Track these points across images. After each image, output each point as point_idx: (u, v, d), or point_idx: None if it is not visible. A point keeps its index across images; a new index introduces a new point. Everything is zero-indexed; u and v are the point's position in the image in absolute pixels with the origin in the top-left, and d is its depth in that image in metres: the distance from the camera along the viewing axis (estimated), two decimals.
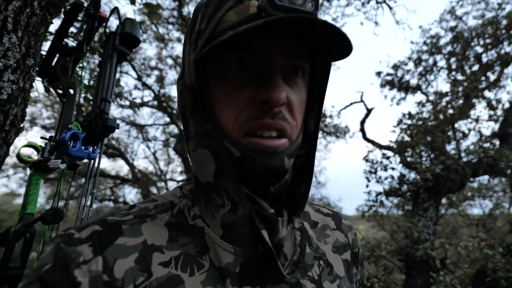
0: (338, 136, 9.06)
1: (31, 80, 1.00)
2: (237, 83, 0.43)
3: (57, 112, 9.01)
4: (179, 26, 7.72)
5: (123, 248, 0.41)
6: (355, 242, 0.61)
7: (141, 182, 9.82)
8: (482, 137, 5.38)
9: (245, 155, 0.43)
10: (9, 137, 0.97)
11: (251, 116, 0.42)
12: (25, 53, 0.94)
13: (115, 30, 1.16)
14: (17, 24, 0.90)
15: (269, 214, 0.44)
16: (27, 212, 0.94)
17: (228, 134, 0.43)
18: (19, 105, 0.97)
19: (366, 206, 5.53)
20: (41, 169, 1.02)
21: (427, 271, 4.26)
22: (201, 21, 0.44)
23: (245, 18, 0.40)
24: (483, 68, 5.81)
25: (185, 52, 0.48)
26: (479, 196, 8.92)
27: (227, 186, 0.43)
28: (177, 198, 0.50)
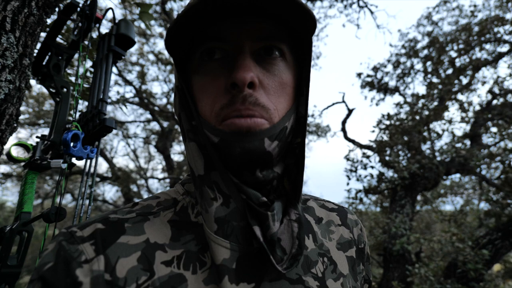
0: (319, 135, 9.24)
1: (27, 79, 1.01)
2: (210, 74, 0.43)
3: (32, 107, 8.68)
4: (161, 22, 7.61)
5: (126, 246, 0.40)
6: (360, 238, 0.58)
7: (121, 180, 9.63)
8: (454, 137, 5.65)
9: (222, 139, 0.42)
10: (4, 136, 0.97)
11: (224, 103, 0.41)
12: (22, 53, 0.94)
13: (110, 30, 1.17)
14: (15, 24, 0.90)
15: (258, 209, 0.43)
16: (23, 211, 0.95)
17: (207, 123, 0.43)
18: (15, 104, 0.98)
19: (347, 203, 5.69)
20: (37, 168, 1.02)
21: (403, 264, 4.46)
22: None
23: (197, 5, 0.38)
24: (457, 72, 6.10)
25: None
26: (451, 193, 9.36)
27: (217, 179, 0.43)
28: (180, 195, 0.49)
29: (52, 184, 9.94)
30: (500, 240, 4.13)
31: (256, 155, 0.42)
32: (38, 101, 8.56)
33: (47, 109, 8.63)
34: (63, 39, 1.46)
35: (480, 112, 5.77)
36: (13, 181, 9.79)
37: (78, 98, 1.03)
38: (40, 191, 9.89)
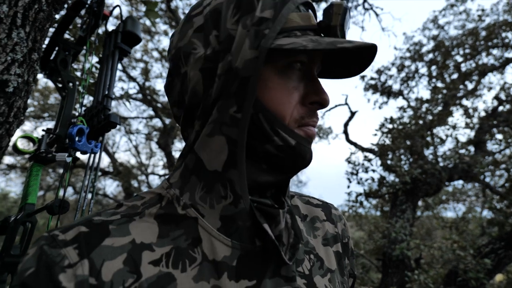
0: (321, 137, 9.24)
1: (35, 73, 1.03)
2: (294, 81, 0.46)
3: (37, 100, 8.76)
4: (166, 19, 7.64)
5: (111, 249, 0.39)
6: (344, 232, 0.60)
7: (122, 175, 9.68)
8: (458, 143, 5.63)
9: (298, 143, 0.45)
10: (12, 128, 0.99)
11: (305, 114, 0.46)
12: (31, 48, 0.96)
13: (117, 27, 1.19)
14: (25, 19, 0.92)
15: (269, 208, 0.45)
16: (28, 202, 0.97)
17: (284, 125, 0.44)
18: (23, 97, 0.99)
19: (347, 206, 5.69)
20: (42, 160, 1.04)
21: (402, 270, 4.44)
22: (262, 9, 0.43)
23: (309, 26, 0.45)
24: (462, 77, 6.07)
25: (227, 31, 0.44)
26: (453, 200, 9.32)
27: (233, 178, 0.43)
28: (165, 189, 0.48)
29: (54, 177, 10.01)
30: (503, 249, 4.10)
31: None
32: (43, 95, 8.63)
33: (52, 103, 8.69)
34: (71, 35, 1.48)
35: (485, 118, 5.75)
36: (16, 172, 9.87)
37: (84, 93, 1.05)
38: (42, 183, 9.96)
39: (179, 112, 0.50)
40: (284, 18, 0.43)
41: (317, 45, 0.41)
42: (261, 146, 0.44)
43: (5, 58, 0.87)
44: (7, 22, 0.87)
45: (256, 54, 0.41)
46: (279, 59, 0.44)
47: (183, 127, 0.50)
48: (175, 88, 0.49)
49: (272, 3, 0.43)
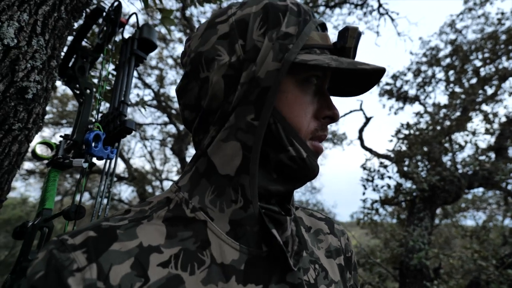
0: (335, 143, 9.14)
1: (53, 80, 1.04)
2: (310, 95, 0.48)
3: (56, 107, 9.01)
4: (181, 27, 7.78)
5: (118, 254, 0.40)
6: (347, 247, 0.62)
7: (137, 181, 9.81)
8: (478, 149, 5.46)
9: (309, 156, 0.47)
10: (31, 134, 1.01)
11: (318, 127, 0.49)
12: (50, 55, 0.98)
13: (133, 34, 1.20)
14: (45, 27, 0.94)
15: (277, 215, 0.46)
16: (45, 207, 0.97)
17: (298, 136, 0.47)
18: (42, 104, 1.01)
19: (362, 213, 5.58)
20: (59, 166, 1.05)
21: (420, 280, 4.31)
22: (287, 25, 0.46)
23: (327, 46, 0.49)
24: (481, 81, 5.91)
25: (253, 41, 0.46)
26: (473, 208, 9.01)
27: (245, 183, 0.44)
28: (173, 193, 0.49)
29: (72, 182, 10.24)
30: None
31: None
32: (62, 102, 8.88)
33: (70, 110, 8.93)
34: (89, 43, 1.51)
35: (506, 124, 5.56)
36: (36, 178, 10.15)
37: (100, 100, 1.06)
38: (60, 188, 10.20)
39: (190, 116, 0.51)
40: (306, 36, 0.46)
41: (339, 64, 0.44)
42: (275, 155, 0.46)
43: (25, 65, 0.89)
44: (28, 30, 0.89)
45: (278, 66, 0.44)
46: (299, 72, 0.47)
47: (196, 132, 0.51)
48: (191, 91, 0.50)
49: (296, 20, 0.47)
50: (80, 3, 1.07)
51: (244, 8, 0.48)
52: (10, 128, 0.89)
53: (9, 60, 0.85)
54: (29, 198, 12.56)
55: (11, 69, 0.86)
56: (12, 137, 0.91)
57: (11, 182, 0.99)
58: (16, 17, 0.87)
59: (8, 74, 0.85)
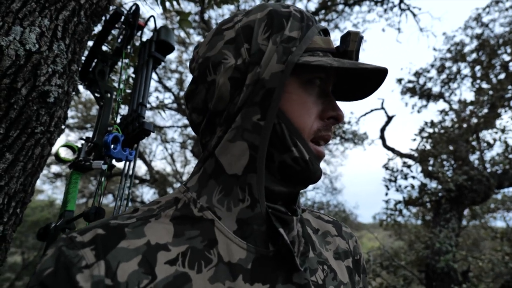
0: (356, 143, 8.96)
1: (74, 84, 1.06)
2: (313, 96, 0.49)
3: (80, 112, 9.34)
4: (200, 30, 7.87)
5: (126, 251, 0.40)
6: (356, 250, 0.62)
7: (159, 183, 9.99)
8: (508, 147, 5.20)
9: (311, 159, 0.48)
10: (53, 137, 1.03)
11: (322, 127, 0.49)
12: (71, 59, 1.00)
13: (151, 37, 1.21)
14: (65, 32, 0.96)
15: (283, 215, 0.46)
16: (67, 209, 0.99)
17: (302, 137, 0.48)
18: (63, 107, 1.03)
19: (385, 214, 5.43)
20: (80, 168, 1.07)
21: (448, 284, 4.14)
22: (291, 29, 0.48)
23: (329, 49, 0.50)
24: (510, 77, 5.63)
25: (258, 45, 0.48)
26: (503, 208, 8.60)
27: (252, 182, 0.45)
28: (181, 193, 0.50)
29: (95, 184, 10.57)
30: None
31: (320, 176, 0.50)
32: (86, 106, 9.18)
33: (94, 114, 9.23)
34: (109, 47, 1.54)
35: None
36: (62, 181, 10.54)
37: (119, 102, 1.07)
38: (85, 190, 10.54)
39: (198, 119, 0.53)
40: (309, 39, 0.48)
41: (341, 64, 0.45)
42: (279, 156, 0.47)
43: (47, 69, 0.91)
44: (49, 35, 0.90)
45: (282, 68, 0.46)
46: (302, 74, 0.48)
47: (203, 134, 0.52)
48: (199, 95, 0.52)
49: (299, 25, 0.49)
50: (99, 8, 1.08)
51: (249, 15, 0.51)
52: (32, 132, 0.91)
53: (31, 65, 0.87)
54: (56, 201, 13.08)
55: (33, 73, 0.88)
56: (35, 140, 0.93)
57: (35, 184, 1.02)
58: (38, 23, 0.89)
59: (30, 78, 0.87)
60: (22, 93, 0.86)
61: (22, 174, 0.93)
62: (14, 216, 0.94)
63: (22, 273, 11.28)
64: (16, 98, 0.85)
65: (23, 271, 11.31)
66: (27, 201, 0.99)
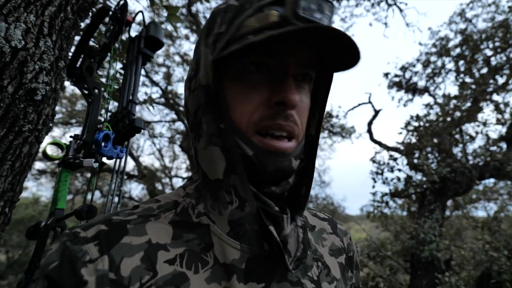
0: (344, 136, 9.06)
1: (62, 81, 1.05)
2: (253, 85, 0.45)
3: (65, 107, 9.12)
4: (187, 23, 7.76)
5: (129, 247, 0.41)
6: (350, 247, 0.62)
7: (147, 178, 9.90)
8: (489, 140, 5.37)
9: (256, 155, 0.45)
10: (41, 135, 1.01)
11: (265, 116, 0.44)
12: (58, 56, 0.98)
13: (140, 33, 1.20)
14: (52, 28, 0.94)
15: (275, 211, 0.46)
16: (58, 208, 0.99)
17: (241, 132, 0.45)
18: (51, 105, 1.02)
19: (372, 206, 5.55)
20: (69, 166, 1.06)
21: (432, 272, 4.28)
22: (220, 24, 0.46)
23: (267, 25, 0.42)
24: (492, 71, 5.78)
25: (199, 53, 0.49)
26: (484, 198, 8.89)
27: (236, 183, 0.44)
28: (181, 197, 0.51)
29: (82, 181, 10.39)
30: None
31: (286, 172, 0.46)
32: (70, 102, 8.98)
33: (79, 109, 9.03)
34: (96, 42, 1.51)
35: None
36: (47, 177, 10.32)
37: (109, 99, 1.06)
38: (71, 187, 10.36)
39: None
40: (235, 27, 0.44)
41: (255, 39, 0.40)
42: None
43: (33, 66, 0.89)
44: (35, 31, 0.89)
45: (211, 68, 0.45)
46: (232, 67, 0.46)
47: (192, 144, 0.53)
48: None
49: (229, 17, 0.45)
50: (86, 3, 1.06)
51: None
52: (20, 130, 0.89)
53: (17, 62, 0.85)
54: (41, 198, 12.80)
55: (20, 71, 0.86)
56: (23, 139, 0.91)
57: (23, 183, 1.00)
58: (23, 19, 0.87)
59: (17, 76, 0.86)
60: (8, 91, 0.84)
61: (10, 173, 0.91)
62: (2, 215, 0.93)
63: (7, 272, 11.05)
64: (3, 96, 0.84)
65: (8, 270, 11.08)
66: (16, 200, 0.98)
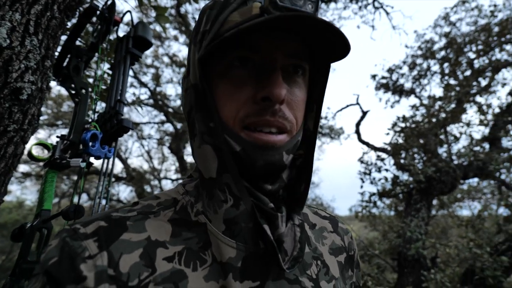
0: (332, 137, 9.16)
1: (48, 80, 1.04)
2: (238, 81, 0.44)
3: (50, 108, 8.94)
4: (176, 24, 7.72)
5: (128, 243, 0.42)
6: (351, 246, 0.61)
7: (136, 180, 9.78)
8: (472, 140, 5.51)
9: (244, 149, 0.44)
10: (26, 135, 1.00)
11: (252, 112, 0.43)
12: (44, 55, 0.97)
13: (128, 33, 1.20)
14: (38, 27, 0.93)
15: (269, 209, 0.45)
16: (44, 208, 0.97)
17: (229, 128, 0.44)
18: (37, 105, 1.00)
19: (360, 206, 5.62)
20: (56, 167, 1.05)
21: (418, 270, 4.36)
22: (206, 22, 0.46)
23: (249, 18, 0.42)
24: (475, 73, 5.94)
25: (190, 52, 0.49)
26: (468, 198, 9.10)
27: (229, 182, 0.44)
28: (180, 195, 0.51)
29: (69, 183, 10.19)
30: None
31: (275, 167, 0.45)
32: (56, 103, 8.80)
33: (65, 111, 8.86)
34: (83, 42, 1.50)
35: (499, 114, 5.60)
36: (32, 180, 10.08)
37: (96, 99, 1.05)
38: (57, 190, 10.14)
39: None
40: (219, 24, 0.44)
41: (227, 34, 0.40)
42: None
43: (19, 65, 0.88)
44: (20, 30, 0.88)
45: (198, 66, 0.45)
46: (218, 64, 0.46)
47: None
48: None
49: (215, 13, 0.45)
50: (73, 2, 1.05)
51: None
52: (5, 130, 0.88)
53: (2, 61, 0.84)
54: (25, 202, 12.48)
55: (5, 70, 0.85)
56: (8, 139, 0.90)
57: (8, 184, 0.99)
58: (8, 17, 0.86)
59: (2, 75, 0.84)
60: None
61: None
62: None
63: None
64: None
65: None
66: (1, 201, 0.96)
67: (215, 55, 0.46)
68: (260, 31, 0.43)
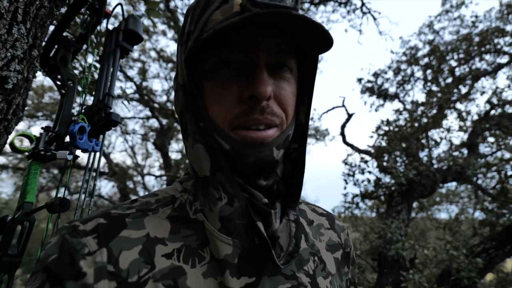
0: (318, 139, 9.26)
1: (34, 70, 1.01)
2: (224, 81, 0.44)
3: (31, 99, 8.66)
4: (165, 19, 7.62)
5: (128, 240, 0.42)
6: (347, 242, 0.62)
7: (118, 176, 9.60)
8: (452, 146, 5.70)
9: (234, 148, 0.44)
10: (10, 126, 0.97)
11: (240, 113, 0.43)
12: (31, 44, 0.95)
13: (118, 26, 1.18)
14: (26, 15, 0.91)
15: (262, 206, 0.45)
16: (26, 201, 0.95)
17: (218, 128, 0.45)
18: (22, 94, 0.98)
19: (343, 207, 5.71)
20: (40, 158, 1.03)
21: (397, 270, 4.47)
22: (190, 23, 0.46)
23: (229, 16, 0.42)
24: (456, 81, 6.14)
25: (178, 53, 0.50)
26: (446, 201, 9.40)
27: (222, 180, 0.44)
28: (178, 192, 0.51)
29: (47, 177, 9.90)
30: (494, 249, 4.17)
31: (266, 163, 0.45)
32: (37, 93, 8.54)
33: (46, 102, 8.60)
34: (70, 33, 1.46)
35: (478, 121, 5.82)
36: (8, 173, 9.73)
37: (85, 91, 1.03)
38: None
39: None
40: (202, 23, 0.44)
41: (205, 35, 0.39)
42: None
43: (5, 54, 0.86)
44: (8, 18, 0.86)
45: (184, 67, 0.45)
46: (205, 65, 0.46)
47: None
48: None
49: (198, 13, 0.45)
50: None
51: None
52: None
53: None
54: (1, 195, 12.05)
55: None
56: None
57: None
58: None
59: None
60: None
61: None
62: None
63: None
64: None
65: None
66: None
67: (202, 55, 0.46)
68: (245, 29, 0.42)
